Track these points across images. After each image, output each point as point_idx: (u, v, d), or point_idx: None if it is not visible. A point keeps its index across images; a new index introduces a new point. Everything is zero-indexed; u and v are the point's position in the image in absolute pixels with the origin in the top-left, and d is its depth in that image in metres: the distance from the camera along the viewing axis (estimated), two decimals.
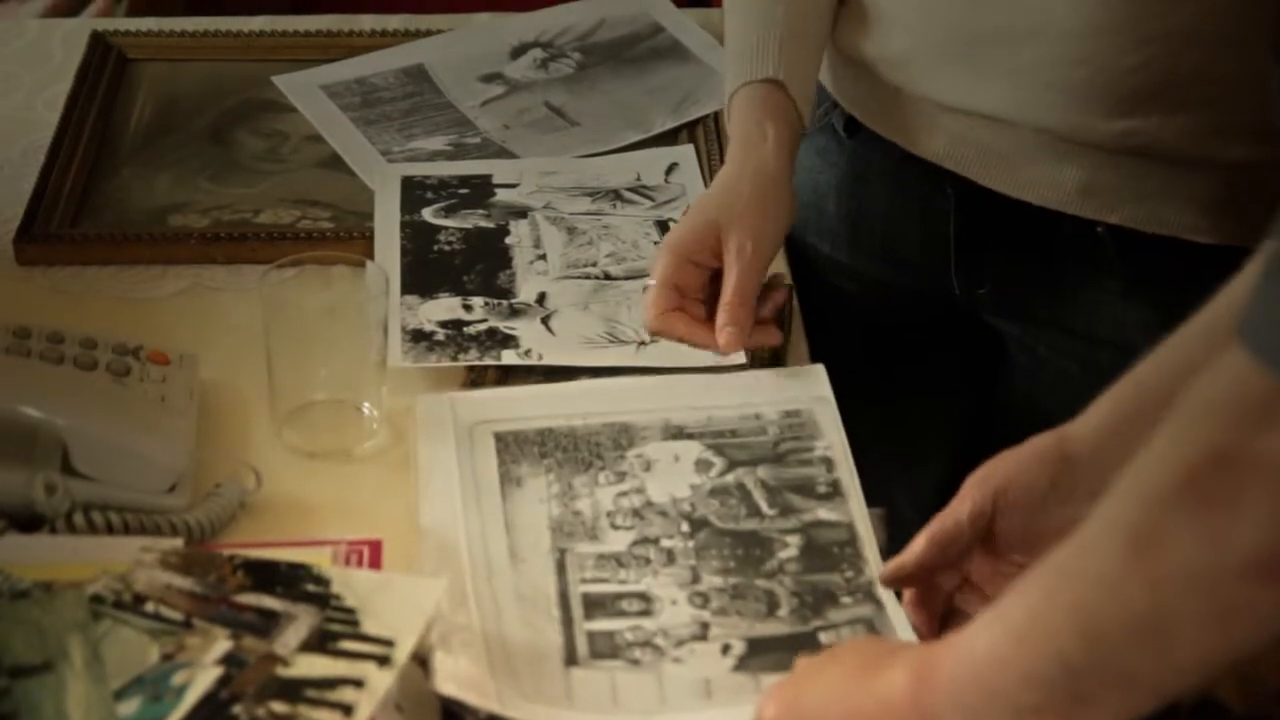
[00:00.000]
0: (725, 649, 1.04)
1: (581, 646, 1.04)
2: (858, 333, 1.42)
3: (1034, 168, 1.27)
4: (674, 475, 1.16)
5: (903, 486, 1.29)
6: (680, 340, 1.25)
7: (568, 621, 1.05)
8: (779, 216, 1.27)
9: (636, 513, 1.13)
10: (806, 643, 1.03)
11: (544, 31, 1.68)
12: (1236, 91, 1.19)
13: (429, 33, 1.68)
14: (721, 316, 1.23)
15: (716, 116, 1.54)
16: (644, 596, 1.07)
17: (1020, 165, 1.28)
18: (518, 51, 1.66)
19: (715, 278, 1.25)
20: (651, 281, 1.25)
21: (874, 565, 1.09)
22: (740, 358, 1.27)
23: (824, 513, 1.13)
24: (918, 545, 1.05)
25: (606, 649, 1.04)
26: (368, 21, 1.70)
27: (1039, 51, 1.22)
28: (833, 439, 1.18)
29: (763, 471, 1.16)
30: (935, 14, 1.27)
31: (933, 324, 1.44)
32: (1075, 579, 0.80)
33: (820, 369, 1.23)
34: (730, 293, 1.23)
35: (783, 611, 1.06)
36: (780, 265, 1.40)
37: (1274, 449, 0.71)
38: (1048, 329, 1.35)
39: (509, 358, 1.26)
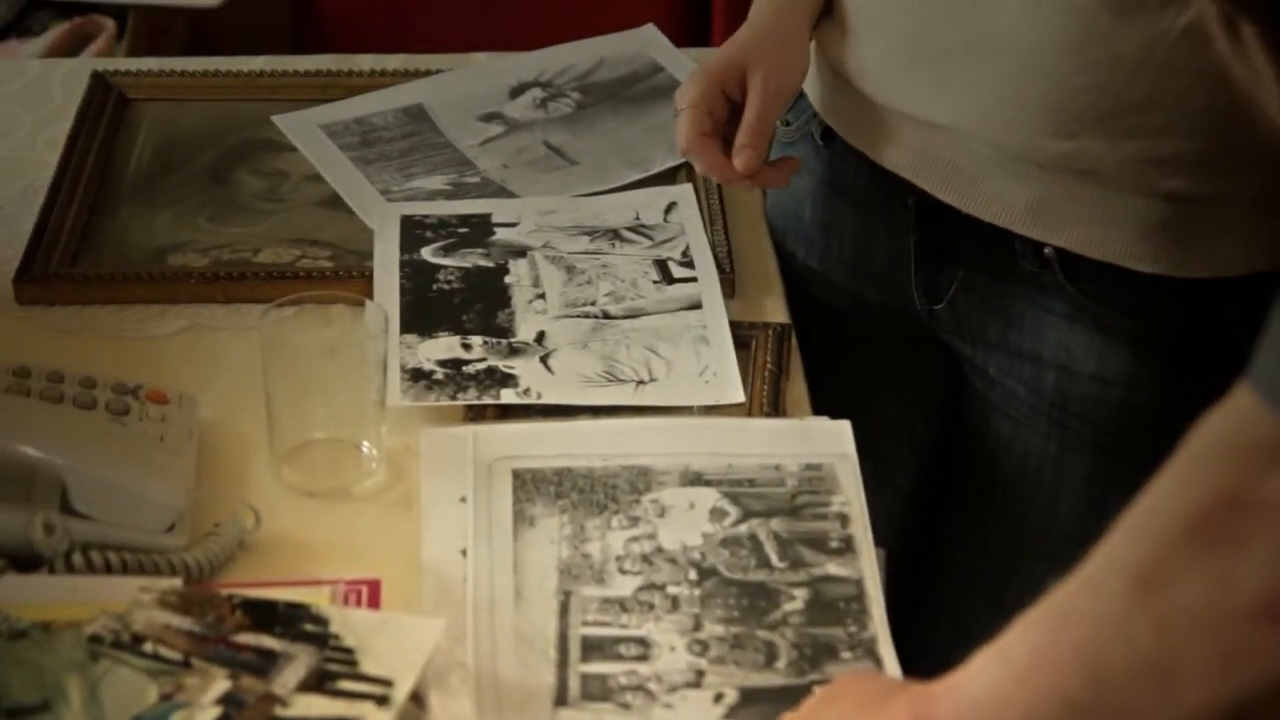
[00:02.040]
0: (718, 697, 1.03)
1: (574, 688, 1.04)
2: (830, 342, 1.44)
3: (988, 184, 1.31)
4: (687, 523, 1.15)
5: (872, 495, 1.31)
6: (706, 170, 1.36)
7: (563, 663, 1.05)
8: (797, 65, 1.38)
9: (646, 558, 1.13)
10: (800, 696, 1.02)
11: (543, 71, 1.69)
12: (1180, 124, 1.22)
13: (428, 73, 1.68)
14: (741, 137, 1.33)
15: None
16: (643, 641, 1.07)
17: (976, 181, 1.31)
18: (517, 91, 1.66)
19: (732, 119, 1.35)
20: (683, 107, 1.34)
21: (879, 623, 1.09)
22: (739, 395, 1.27)
23: (834, 568, 1.13)
24: None
25: (598, 691, 1.03)
26: (367, 61, 1.71)
27: (999, 66, 1.25)
28: (851, 495, 1.18)
29: (776, 523, 1.16)
30: (906, 23, 1.31)
31: (899, 338, 1.46)
32: (1080, 618, 0.80)
33: (845, 425, 1.23)
34: (752, 118, 1.33)
35: (781, 663, 1.06)
36: (778, 294, 1.41)
37: None
38: (997, 351, 1.38)
39: (508, 396, 1.26)
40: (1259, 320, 0.76)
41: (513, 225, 1.45)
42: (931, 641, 1.20)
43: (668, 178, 1.54)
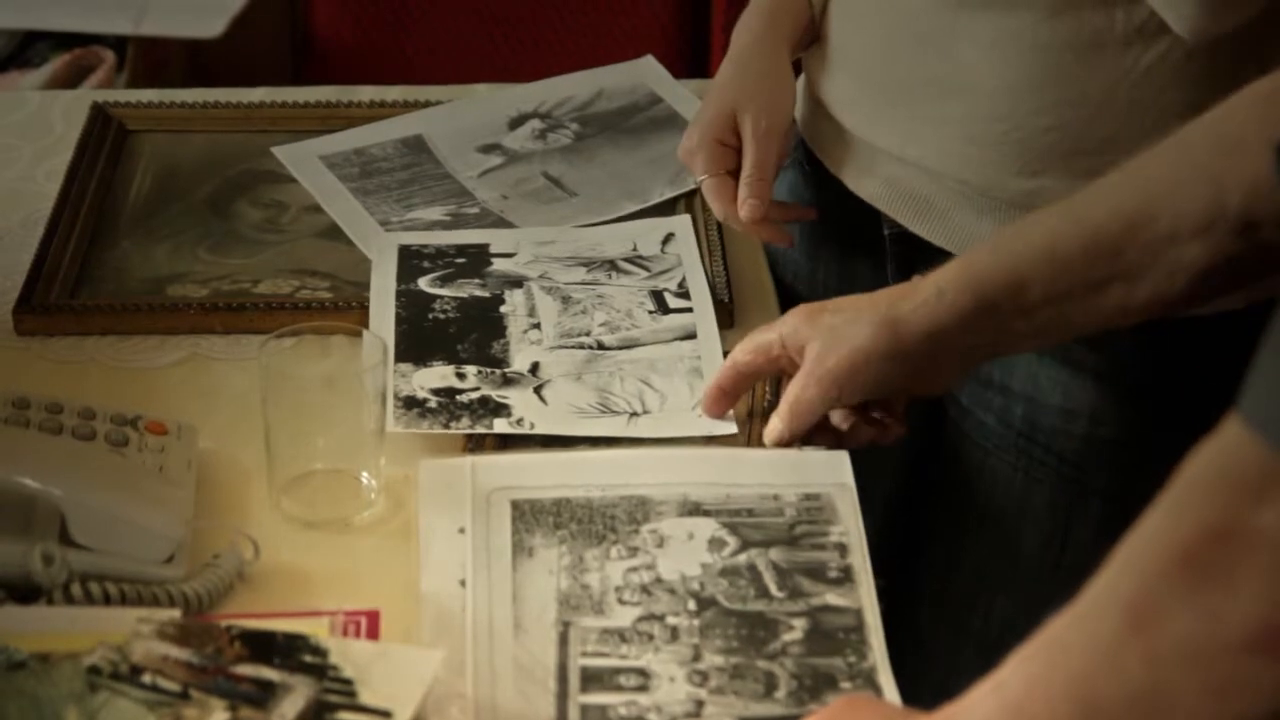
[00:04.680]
0: None
1: (573, 719, 1.04)
2: None
3: (956, 218, 1.33)
4: (686, 553, 1.15)
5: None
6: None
7: (562, 694, 1.05)
8: (784, 97, 1.38)
9: (645, 589, 1.13)
10: None
11: (542, 102, 1.69)
12: None
13: (428, 104, 1.69)
14: (742, 191, 1.35)
15: None
16: (642, 672, 1.07)
17: (945, 214, 1.33)
18: (516, 122, 1.67)
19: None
20: (702, 176, 1.36)
21: (879, 653, 1.09)
22: (732, 427, 1.27)
23: (833, 597, 1.13)
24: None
25: None
26: (367, 93, 1.71)
27: (965, 105, 1.27)
28: (849, 525, 1.18)
29: (775, 553, 1.16)
30: (875, 58, 1.33)
31: None
32: (1073, 652, 0.80)
33: (844, 455, 1.23)
34: (750, 167, 1.35)
35: (780, 693, 1.06)
36: (774, 312, 1.41)
37: (1270, 524, 0.71)
38: (970, 380, 1.39)
39: (501, 426, 1.26)
40: (1221, 358, 0.76)
41: (510, 256, 1.46)
42: (901, 661, 1.21)
43: (666, 209, 1.54)
